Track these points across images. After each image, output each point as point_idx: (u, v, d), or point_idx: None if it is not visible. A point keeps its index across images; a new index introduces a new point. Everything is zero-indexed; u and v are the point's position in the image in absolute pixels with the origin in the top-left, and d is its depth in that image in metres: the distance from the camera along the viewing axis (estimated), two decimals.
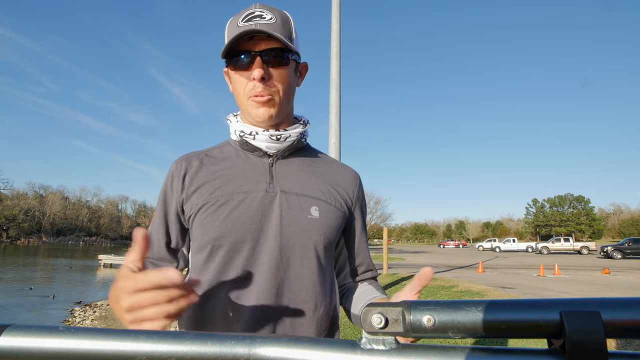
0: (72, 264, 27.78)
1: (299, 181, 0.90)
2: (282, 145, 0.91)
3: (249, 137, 0.90)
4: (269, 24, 0.83)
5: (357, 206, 0.98)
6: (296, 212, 0.86)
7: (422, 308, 0.36)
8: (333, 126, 7.53)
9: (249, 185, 0.87)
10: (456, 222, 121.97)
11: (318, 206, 0.88)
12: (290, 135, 0.91)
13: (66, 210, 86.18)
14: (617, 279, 12.59)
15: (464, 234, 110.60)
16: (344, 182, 0.97)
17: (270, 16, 0.84)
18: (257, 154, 0.92)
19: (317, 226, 0.87)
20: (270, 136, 0.89)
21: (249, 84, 0.85)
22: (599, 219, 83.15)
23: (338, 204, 0.92)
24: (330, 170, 0.97)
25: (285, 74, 0.87)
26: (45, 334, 0.41)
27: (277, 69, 0.85)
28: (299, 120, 0.98)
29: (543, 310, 0.34)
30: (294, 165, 0.93)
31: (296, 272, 0.85)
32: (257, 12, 0.85)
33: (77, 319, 9.89)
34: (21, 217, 75.57)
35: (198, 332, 0.42)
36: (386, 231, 14.11)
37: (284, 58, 0.85)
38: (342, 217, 0.92)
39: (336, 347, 0.38)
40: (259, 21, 0.83)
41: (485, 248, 45.92)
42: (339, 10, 7.97)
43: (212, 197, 0.86)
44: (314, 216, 0.87)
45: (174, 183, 0.91)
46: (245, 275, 0.83)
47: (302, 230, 0.85)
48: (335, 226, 0.90)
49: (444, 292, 8.81)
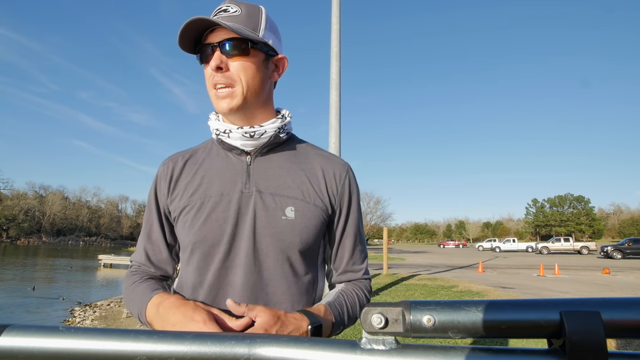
0: (72, 264, 27.79)
1: (276, 180, 0.88)
2: (258, 142, 0.89)
3: (224, 135, 0.89)
4: (228, 16, 0.83)
5: (342, 201, 0.93)
6: (270, 213, 0.85)
7: (422, 308, 0.36)
8: (333, 126, 7.52)
9: (226, 186, 0.87)
10: (456, 222, 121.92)
11: (295, 206, 0.86)
12: (265, 131, 0.88)
13: (66, 210, 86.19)
14: (617, 279, 12.59)
15: (464, 234, 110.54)
16: (327, 175, 0.92)
17: (235, 9, 0.85)
18: (235, 152, 0.91)
19: (292, 228, 0.85)
20: (244, 133, 0.87)
21: (210, 75, 0.86)
22: (599, 219, 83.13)
23: (318, 201, 0.89)
24: (314, 164, 0.93)
25: (246, 64, 0.84)
26: (45, 334, 0.41)
27: (236, 59, 0.84)
28: (279, 113, 0.95)
29: (543, 310, 0.34)
30: (272, 162, 0.91)
31: (270, 274, 0.84)
32: (224, 6, 0.86)
33: (77, 319, 9.89)
34: (21, 217, 75.59)
35: (198, 332, 0.42)
36: (386, 231, 14.10)
37: (243, 48, 0.83)
38: (323, 215, 0.89)
39: (336, 347, 0.38)
40: (222, 14, 0.84)
41: (485, 248, 45.90)
42: (339, 11, 7.96)
43: (192, 200, 0.88)
44: (289, 217, 0.85)
45: (161, 186, 0.93)
46: (221, 278, 0.84)
47: (276, 232, 0.84)
48: (312, 226, 0.87)
49: (444, 292, 8.81)
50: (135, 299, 0.86)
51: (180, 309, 0.74)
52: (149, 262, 0.94)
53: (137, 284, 0.88)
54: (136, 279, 0.90)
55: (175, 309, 0.75)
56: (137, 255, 0.96)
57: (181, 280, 0.91)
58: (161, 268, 0.94)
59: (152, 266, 0.94)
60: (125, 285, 0.92)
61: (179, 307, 0.75)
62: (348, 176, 0.95)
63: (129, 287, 0.90)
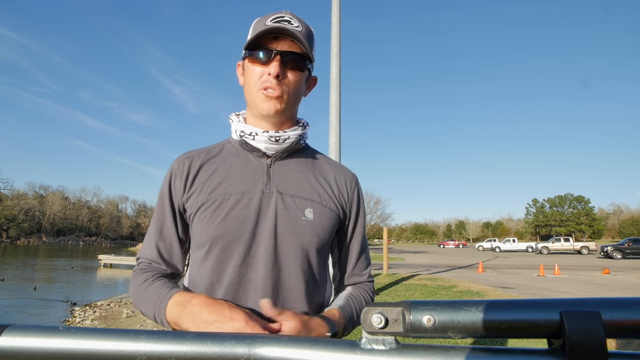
0: (73, 264, 27.80)
1: (295, 183, 0.93)
2: (280, 147, 0.93)
3: (249, 137, 0.93)
4: (295, 30, 0.88)
5: (352, 208, 0.99)
6: (291, 213, 0.89)
7: (422, 308, 0.36)
8: (333, 126, 7.53)
9: (246, 186, 0.90)
10: (456, 222, 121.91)
11: (312, 208, 0.91)
12: (289, 137, 0.93)
13: (66, 210, 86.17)
14: (617, 279, 12.59)
15: (464, 234, 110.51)
16: (339, 183, 0.99)
17: (297, 24, 0.90)
18: (256, 154, 0.94)
19: (311, 228, 0.89)
20: (270, 137, 0.91)
21: (262, 77, 0.89)
22: (599, 219, 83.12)
23: (332, 206, 0.94)
24: (327, 171, 0.99)
25: (298, 78, 0.91)
26: (45, 334, 0.41)
27: (293, 72, 0.90)
28: (299, 122, 1.00)
29: (543, 310, 0.35)
30: (291, 166, 0.95)
31: (289, 271, 0.87)
32: (287, 17, 0.91)
33: (77, 319, 9.89)
34: (21, 217, 75.57)
35: (198, 332, 0.42)
36: (386, 231, 14.11)
37: (301, 63, 0.90)
38: (336, 219, 0.95)
39: (336, 347, 0.38)
40: (286, 25, 0.88)
41: (485, 248, 45.91)
42: (339, 10, 7.96)
43: (211, 196, 0.89)
44: (308, 218, 0.89)
45: (176, 182, 0.93)
46: (241, 275, 0.86)
47: (296, 231, 0.88)
48: (328, 228, 0.92)
49: (444, 292, 8.81)
50: (149, 297, 0.83)
51: (215, 307, 0.73)
52: (161, 259, 0.92)
53: (150, 282, 0.86)
54: (147, 277, 0.87)
55: (210, 307, 0.73)
56: (146, 251, 0.94)
57: (194, 278, 0.90)
58: (172, 265, 0.93)
59: (164, 263, 0.92)
60: (135, 283, 0.89)
61: (214, 305, 0.74)
62: (357, 186, 1.02)
63: (140, 285, 0.87)
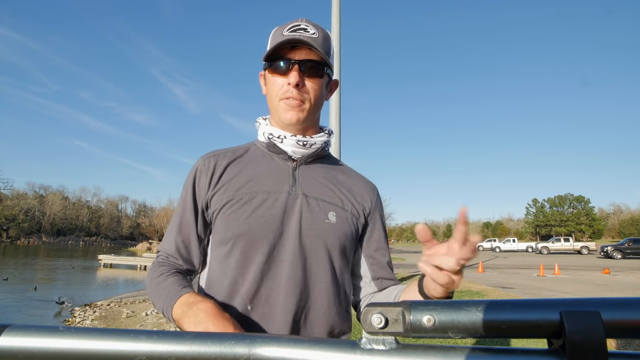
0: (74, 264, 27.81)
1: (319, 187, 0.96)
2: (307, 151, 0.96)
3: (277, 140, 0.95)
4: (312, 38, 0.90)
5: (374, 215, 1.02)
6: (315, 215, 0.91)
7: (422, 308, 0.36)
8: (333, 126, 7.52)
9: (273, 186, 0.92)
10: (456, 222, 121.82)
11: (335, 212, 0.93)
12: (315, 143, 0.97)
13: (66, 210, 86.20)
14: (617, 279, 12.60)
15: None
16: (361, 191, 1.02)
17: (313, 31, 0.92)
18: (282, 157, 0.97)
19: (333, 231, 0.91)
20: (297, 141, 0.94)
21: (283, 87, 0.91)
22: (599, 219, 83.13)
23: (355, 212, 0.97)
24: (349, 179, 1.03)
25: (318, 85, 0.93)
26: (45, 334, 0.41)
27: (312, 79, 0.92)
28: (323, 129, 1.03)
29: (543, 310, 0.35)
30: (315, 171, 0.98)
31: (311, 272, 0.89)
32: (303, 25, 0.93)
33: (77, 319, 9.89)
34: (21, 217, 75.59)
35: (198, 332, 0.42)
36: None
37: (319, 70, 0.92)
38: (358, 225, 0.97)
39: (336, 347, 0.38)
40: (303, 33, 0.90)
41: (485, 248, 45.84)
42: (339, 10, 7.96)
43: (237, 194, 0.91)
44: (331, 221, 0.92)
45: (201, 179, 0.95)
46: (265, 272, 0.87)
47: (319, 233, 0.90)
48: (349, 232, 0.94)
49: None
50: (161, 292, 0.85)
51: (221, 322, 0.73)
52: (178, 254, 0.94)
53: (165, 276, 0.88)
54: (163, 271, 0.89)
55: (216, 319, 0.73)
56: (165, 245, 0.96)
57: (216, 274, 0.91)
58: (189, 261, 0.95)
59: (181, 258, 0.94)
60: (152, 276, 0.91)
61: (220, 319, 0.74)
62: (378, 197, 1.06)
63: (156, 279, 0.89)
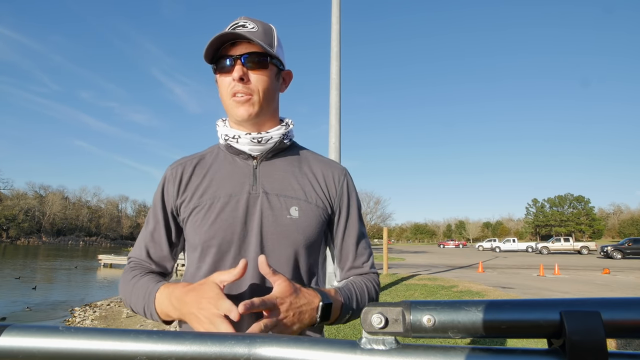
0: (76, 264, 27.80)
1: (280, 182, 0.95)
2: (264, 147, 0.95)
3: (233, 140, 0.95)
4: (249, 32, 0.90)
5: (341, 202, 1.00)
6: (276, 212, 0.91)
7: (422, 308, 0.36)
8: (333, 126, 7.53)
9: (234, 188, 0.93)
10: (456, 222, 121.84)
11: (298, 206, 0.93)
12: (271, 137, 0.95)
13: (66, 210, 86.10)
14: (617, 279, 12.59)
15: (464, 234, 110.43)
16: (327, 179, 1.00)
17: (252, 25, 0.92)
18: (242, 156, 0.97)
19: (296, 226, 0.91)
20: (252, 139, 0.94)
21: (230, 84, 0.91)
22: (599, 219, 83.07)
23: (319, 202, 0.96)
24: (314, 168, 1.01)
25: (264, 76, 0.92)
26: (45, 333, 0.41)
27: (256, 72, 0.91)
28: (282, 121, 1.02)
29: (543, 310, 0.34)
30: (277, 166, 0.97)
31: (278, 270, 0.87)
32: (241, 22, 0.93)
33: (77, 319, 9.88)
34: (21, 217, 75.52)
35: (198, 332, 0.42)
36: (386, 231, 14.10)
37: (262, 62, 0.91)
38: (324, 215, 0.96)
39: (336, 347, 0.38)
40: (241, 30, 0.90)
41: (485, 248, 45.86)
42: (339, 11, 7.96)
43: (201, 200, 0.93)
44: (294, 216, 0.92)
45: (169, 188, 0.97)
46: None
47: (282, 230, 0.90)
48: (315, 225, 0.93)
49: (444, 292, 8.81)
50: (138, 293, 0.88)
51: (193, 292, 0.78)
52: (149, 259, 0.96)
53: (138, 277, 0.90)
54: (136, 274, 0.91)
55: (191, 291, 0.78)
56: (136, 251, 0.98)
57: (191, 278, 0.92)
58: (161, 265, 0.97)
59: (152, 262, 0.96)
60: (124, 280, 0.92)
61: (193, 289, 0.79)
62: (346, 179, 1.02)
63: (129, 282, 0.90)
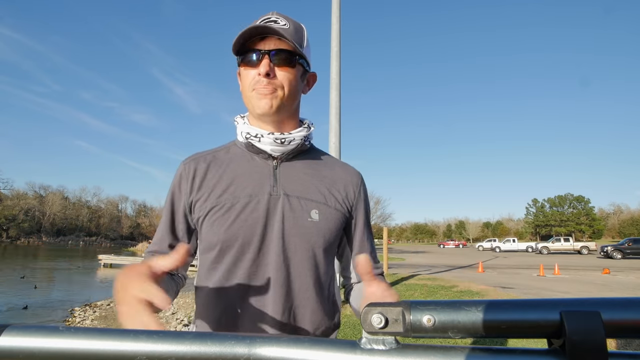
0: (78, 264, 27.79)
1: (301, 184, 0.94)
2: (286, 149, 0.94)
3: (255, 139, 0.93)
4: (281, 28, 0.88)
5: (358, 206, 1.00)
6: (297, 215, 0.91)
7: (422, 308, 0.36)
8: (333, 126, 7.53)
9: (254, 188, 0.91)
10: (456, 222, 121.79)
11: (318, 209, 0.92)
12: (294, 139, 0.94)
13: (66, 210, 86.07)
14: (617, 279, 12.58)
15: (464, 234, 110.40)
16: (345, 183, 1.00)
17: (284, 22, 0.90)
18: (262, 156, 0.95)
19: (317, 229, 0.91)
20: (275, 139, 0.92)
21: (254, 78, 0.90)
22: (599, 219, 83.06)
23: (338, 206, 0.96)
24: (332, 171, 1.00)
25: (290, 75, 0.91)
26: (45, 333, 0.41)
27: (283, 69, 0.90)
28: (303, 123, 1.01)
29: (543, 310, 0.34)
30: (297, 168, 0.96)
31: (298, 272, 0.89)
32: (273, 17, 0.91)
33: (77, 318, 9.88)
34: (21, 217, 75.50)
35: (198, 332, 0.42)
36: (386, 231, 14.11)
37: (290, 60, 0.90)
38: (342, 219, 0.96)
39: (336, 347, 0.38)
40: (272, 25, 0.88)
41: (485, 248, 45.84)
42: (339, 10, 7.96)
43: (220, 200, 0.90)
44: (314, 219, 0.91)
45: (182, 184, 0.95)
46: (251, 275, 0.88)
47: (303, 232, 0.90)
48: (334, 228, 0.94)
49: (444, 292, 8.81)
50: None
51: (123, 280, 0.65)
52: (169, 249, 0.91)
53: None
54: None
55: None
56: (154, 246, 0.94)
57: (204, 279, 0.91)
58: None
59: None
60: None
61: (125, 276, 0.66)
62: (362, 185, 1.03)
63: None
